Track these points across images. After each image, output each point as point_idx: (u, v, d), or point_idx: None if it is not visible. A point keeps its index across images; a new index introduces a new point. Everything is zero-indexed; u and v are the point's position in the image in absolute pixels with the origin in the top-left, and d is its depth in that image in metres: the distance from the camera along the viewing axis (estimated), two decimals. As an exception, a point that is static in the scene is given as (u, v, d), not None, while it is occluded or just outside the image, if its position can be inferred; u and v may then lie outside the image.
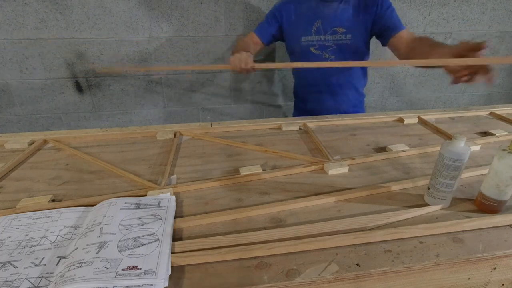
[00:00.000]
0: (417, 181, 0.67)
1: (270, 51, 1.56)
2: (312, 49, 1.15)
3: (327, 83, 1.21)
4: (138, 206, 0.57)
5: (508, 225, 0.55)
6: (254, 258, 0.47)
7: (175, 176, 0.70)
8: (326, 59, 1.15)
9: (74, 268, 0.43)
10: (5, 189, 0.66)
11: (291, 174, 0.71)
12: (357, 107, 1.29)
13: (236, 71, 1.04)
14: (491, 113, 1.11)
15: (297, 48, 1.18)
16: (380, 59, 1.55)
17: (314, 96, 1.26)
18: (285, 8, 1.15)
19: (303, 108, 1.33)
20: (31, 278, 0.43)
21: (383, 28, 1.08)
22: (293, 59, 1.25)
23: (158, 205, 0.58)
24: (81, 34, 1.36)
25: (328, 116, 1.08)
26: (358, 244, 0.50)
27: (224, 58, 1.53)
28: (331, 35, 1.12)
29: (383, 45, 1.12)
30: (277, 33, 1.21)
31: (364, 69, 1.26)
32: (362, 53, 1.18)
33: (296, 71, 1.31)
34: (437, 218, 0.57)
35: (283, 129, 0.97)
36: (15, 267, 0.45)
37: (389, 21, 1.06)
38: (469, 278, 0.51)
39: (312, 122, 1.00)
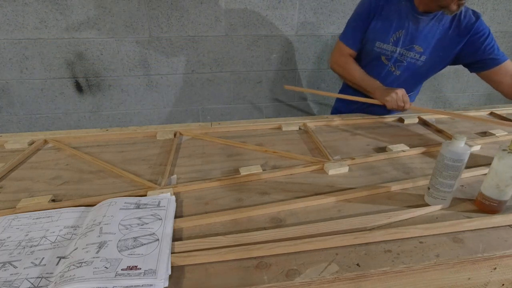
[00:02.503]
0: (417, 181, 0.67)
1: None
2: (383, 57, 1.05)
3: None
4: (138, 206, 0.57)
5: (508, 225, 0.55)
6: (254, 258, 0.47)
7: (175, 176, 0.70)
8: (390, 72, 1.06)
9: (74, 268, 0.43)
10: (5, 189, 0.66)
11: (291, 174, 0.71)
12: None
13: (393, 108, 0.96)
14: (491, 113, 1.11)
15: (368, 51, 1.07)
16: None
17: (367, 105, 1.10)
18: (376, 5, 1.02)
19: (345, 111, 1.20)
20: (31, 278, 0.43)
21: (476, 60, 0.98)
22: (358, 59, 1.12)
23: (158, 205, 0.58)
24: (81, 34, 1.36)
25: (328, 116, 1.08)
26: (358, 244, 0.50)
27: (224, 58, 1.53)
28: (407, 51, 1.02)
29: (471, 71, 1.04)
30: (364, 35, 1.07)
31: (419, 89, 1.17)
32: (427, 76, 1.10)
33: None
34: (437, 218, 0.57)
35: (283, 129, 0.97)
36: (15, 267, 0.45)
37: (485, 54, 0.95)
38: (469, 278, 0.51)
39: (312, 122, 1.00)
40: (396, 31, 1.01)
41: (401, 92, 0.94)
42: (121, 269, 0.43)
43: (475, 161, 0.76)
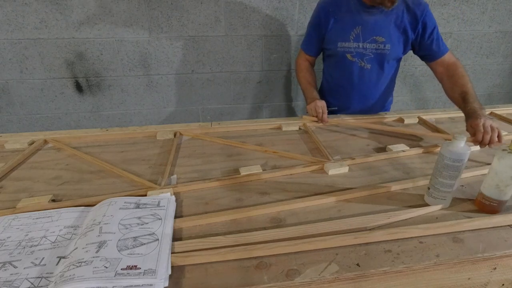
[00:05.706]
0: (417, 181, 0.67)
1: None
2: (349, 55, 1.09)
3: (360, 88, 1.16)
4: (137, 206, 0.57)
5: (508, 225, 0.55)
6: (254, 258, 0.47)
7: (175, 176, 0.70)
8: (361, 67, 1.10)
9: (74, 268, 0.43)
10: (5, 189, 0.66)
11: (291, 174, 0.71)
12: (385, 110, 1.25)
13: (312, 115, 1.04)
14: (491, 113, 1.11)
15: (333, 53, 1.13)
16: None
17: (343, 99, 1.20)
18: (324, 12, 1.09)
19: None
20: (31, 278, 0.43)
21: (423, 50, 1.06)
22: (327, 63, 1.21)
23: (158, 205, 0.58)
24: (81, 34, 1.36)
25: (328, 116, 1.08)
26: (358, 244, 0.50)
27: (224, 58, 1.53)
28: (370, 44, 1.06)
29: (422, 59, 1.11)
30: (322, 42, 1.15)
31: (395, 76, 1.19)
32: (398, 61, 1.14)
33: (328, 73, 1.24)
34: (437, 218, 0.57)
35: (283, 129, 0.97)
36: (15, 267, 0.45)
37: (431, 46, 1.03)
38: (469, 278, 0.50)
39: (312, 122, 1.00)
40: (354, 28, 1.06)
41: (320, 103, 1.02)
42: (121, 269, 0.43)
43: (475, 161, 0.76)
